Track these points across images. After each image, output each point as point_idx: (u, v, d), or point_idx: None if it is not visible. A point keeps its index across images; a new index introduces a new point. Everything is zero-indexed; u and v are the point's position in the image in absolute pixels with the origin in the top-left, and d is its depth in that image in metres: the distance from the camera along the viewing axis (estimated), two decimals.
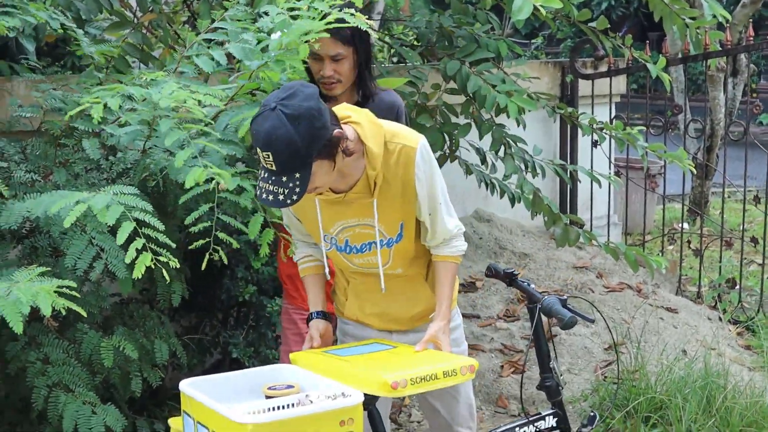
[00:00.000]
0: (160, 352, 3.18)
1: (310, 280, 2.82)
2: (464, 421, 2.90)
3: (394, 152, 2.56)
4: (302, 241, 2.84)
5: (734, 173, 5.77)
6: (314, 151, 2.34)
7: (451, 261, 2.71)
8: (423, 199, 2.61)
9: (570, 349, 4.72)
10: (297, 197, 2.36)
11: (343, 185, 2.57)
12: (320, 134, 2.35)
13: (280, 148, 2.30)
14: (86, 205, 2.26)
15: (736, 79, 8.14)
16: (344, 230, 2.66)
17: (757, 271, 6.38)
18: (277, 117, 2.30)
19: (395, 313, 2.77)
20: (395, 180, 2.57)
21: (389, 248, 2.67)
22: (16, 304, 2.16)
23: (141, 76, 2.71)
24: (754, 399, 4.15)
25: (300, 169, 2.34)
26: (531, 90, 4.63)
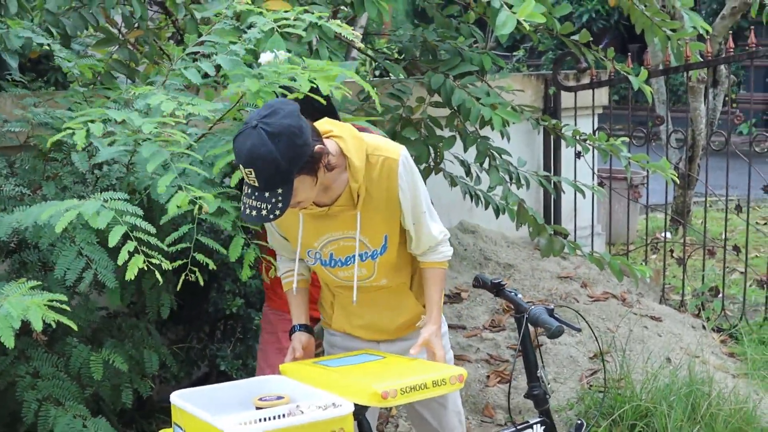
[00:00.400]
0: (150, 362, 3.19)
1: (293, 294, 2.85)
2: (453, 429, 2.92)
3: (376, 165, 2.59)
4: (286, 257, 2.86)
5: (715, 183, 5.84)
6: (296, 167, 2.38)
7: (438, 267, 2.75)
8: (407, 209, 2.65)
9: (555, 359, 4.75)
10: (280, 212, 2.40)
11: (326, 199, 2.60)
12: (301, 151, 2.38)
13: (262, 165, 2.34)
14: (77, 212, 2.27)
15: (716, 90, 8.23)
16: (329, 243, 2.69)
17: (739, 280, 6.45)
18: (258, 135, 2.34)
19: (382, 324, 2.80)
20: (378, 192, 2.61)
21: (374, 260, 2.70)
22: (7, 319, 2.18)
23: (129, 90, 2.73)
24: (738, 405, 4.19)
25: (282, 185, 2.38)
26: (514, 102, 4.68)
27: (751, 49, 5.39)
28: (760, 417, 4.26)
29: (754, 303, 6.02)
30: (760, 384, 4.75)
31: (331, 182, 2.57)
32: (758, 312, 5.79)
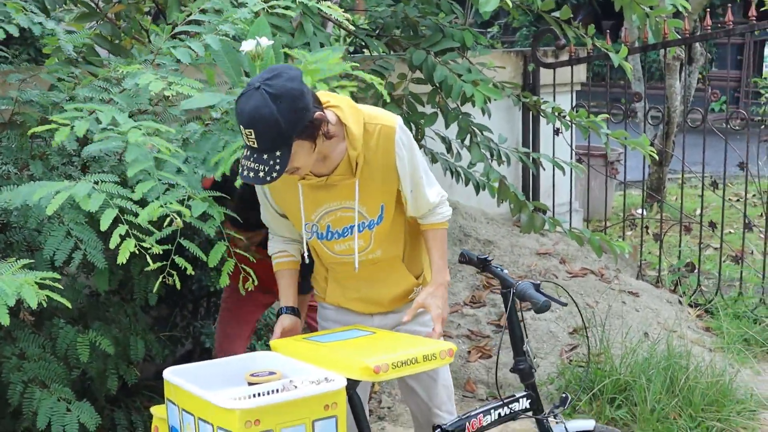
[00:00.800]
0: (135, 348, 3.18)
1: (282, 275, 2.88)
2: (442, 403, 2.95)
3: (373, 133, 2.63)
4: (279, 236, 2.88)
5: (689, 160, 5.90)
6: (295, 131, 2.40)
7: (438, 228, 2.81)
8: (404, 176, 2.69)
9: (535, 334, 4.80)
10: (277, 175, 2.42)
11: (324, 169, 2.63)
12: (302, 115, 2.40)
13: (262, 126, 2.36)
14: (68, 194, 2.26)
15: (691, 67, 8.30)
16: (326, 215, 2.71)
17: (714, 255, 6.54)
18: (261, 96, 2.36)
19: (376, 296, 2.83)
20: (376, 160, 2.64)
21: (370, 230, 2.73)
22: (1, 296, 2.16)
23: (117, 68, 2.70)
24: (715, 378, 4.27)
25: (280, 147, 2.40)
26: (495, 79, 4.70)
27: (728, 27, 5.43)
28: (736, 389, 4.34)
29: (729, 278, 6.11)
30: (736, 357, 4.84)
31: (329, 152, 2.59)
32: (733, 287, 5.88)
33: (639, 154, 4.76)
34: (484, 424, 2.81)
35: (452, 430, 2.75)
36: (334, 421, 2.23)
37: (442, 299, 2.75)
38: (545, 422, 2.90)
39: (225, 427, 2.12)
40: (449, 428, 2.75)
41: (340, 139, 2.60)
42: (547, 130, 6.02)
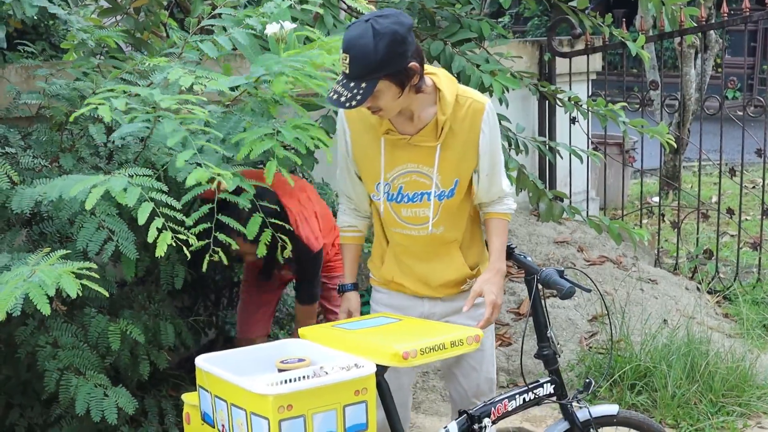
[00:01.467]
0: (165, 334, 3.23)
1: (348, 249, 3.00)
2: (482, 394, 2.99)
3: (464, 106, 2.74)
4: (350, 207, 2.98)
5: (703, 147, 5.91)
6: (385, 69, 2.53)
7: (503, 218, 2.90)
8: (484, 154, 2.78)
9: (555, 322, 4.84)
10: (356, 104, 2.54)
11: (410, 128, 2.74)
12: (397, 58, 2.53)
13: (356, 54, 2.51)
14: (104, 188, 2.31)
15: (705, 55, 8.29)
16: (401, 176, 2.79)
17: (731, 242, 6.55)
18: (365, 28, 2.51)
19: (429, 276, 2.89)
20: (461, 132, 2.74)
21: (440, 201, 2.80)
22: (42, 286, 2.21)
23: (144, 62, 2.74)
24: (735, 363, 4.30)
25: (367, 79, 2.53)
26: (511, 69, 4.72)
27: (745, 14, 5.44)
28: (756, 375, 4.36)
29: (747, 265, 6.12)
30: (755, 343, 4.86)
31: (419, 111, 2.71)
32: (751, 273, 5.89)
33: (654, 143, 4.78)
34: (509, 409, 2.84)
35: (478, 414, 2.78)
36: (364, 406, 2.27)
37: (497, 286, 2.80)
38: (569, 407, 2.93)
39: (258, 412, 2.16)
40: (475, 413, 2.79)
41: (432, 103, 2.71)
42: (563, 119, 6.05)
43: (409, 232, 2.84)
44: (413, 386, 4.49)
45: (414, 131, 2.75)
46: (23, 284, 2.20)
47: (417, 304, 2.93)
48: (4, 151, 2.72)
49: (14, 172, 2.62)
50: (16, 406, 3.24)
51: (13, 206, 2.56)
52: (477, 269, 2.93)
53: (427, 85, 2.70)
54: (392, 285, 2.94)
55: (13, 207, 2.56)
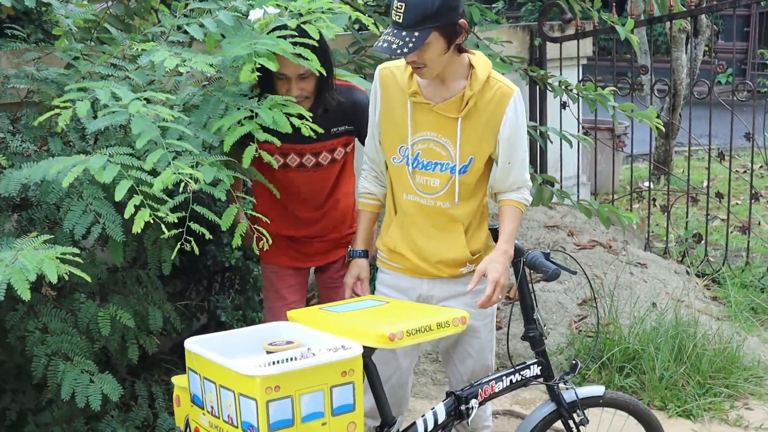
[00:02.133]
0: (154, 318, 3.24)
1: (364, 216, 3.07)
2: (478, 378, 2.99)
3: (492, 88, 2.81)
4: (371, 174, 3.04)
5: (695, 132, 5.94)
6: (440, 20, 2.61)
7: (517, 206, 2.94)
8: (504, 140, 2.83)
9: (545, 305, 4.87)
10: (408, 51, 2.61)
11: (437, 96, 2.80)
12: (451, 12, 2.63)
13: (415, 1, 2.59)
14: (83, 167, 2.31)
15: (697, 40, 8.31)
16: (420, 142, 2.85)
17: (721, 226, 6.59)
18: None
19: (427, 251, 2.92)
20: (484, 112, 2.80)
21: (452, 174, 2.84)
22: (23, 271, 2.21)
23: (132, 46, 2.75)
24: (722, 345, 4.34)
25: (420, 28, 2.60)
26: (502, 54, 4.73)
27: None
28: (743, 357, 4.41)
29: (736, 249, 6.16)
30: (743, 325, 4.90)
31: (450, 80, 2.78)
32: (740, 257, 5.93)
33: (645, 128, 4.79)
34: (496, 390, 2.88)
35: (465, 396, 2.82)
36: (351, 387, 2.29)
37: (502, 266, 2.81)
38: (555, 388, 2.96)
39: (246, 393, 2.19)
40: (462, 394, 2.83)
41: (463, 77, 2.79)
42: (554, 104, 6.06)
43: (418, 200, 2.89)
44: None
45: (440, 100, 2.80)
46: (5, 269, 2.21)
47: (417, 284, 2.96)
48: None
49: (3, 157, 2.63)
50: (8, 390, 3.26)
51: (0, 190, 2.57)
52: (478, 256, 2.95)
53: (463, 59, 2.76)
54: (394, 256, 2.97)
55: (1, 190, 2.57)
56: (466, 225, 2.92)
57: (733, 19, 6.59)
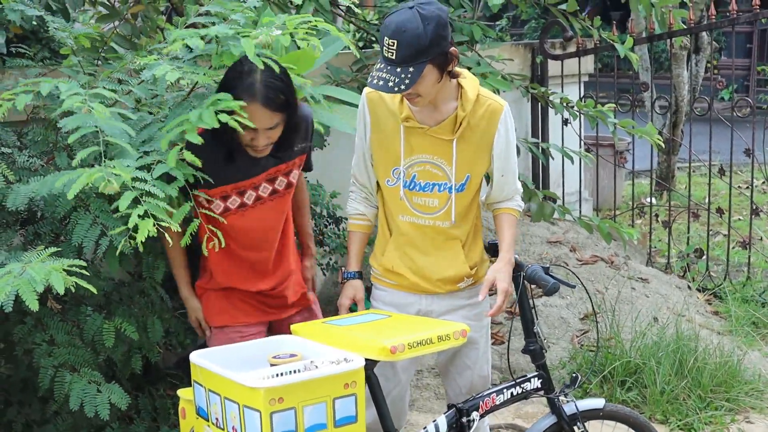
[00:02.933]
0: (152, 329, 3.28)
1: (355, 237, 3.06)
2: (476, 392, 3.03)
3: (483, 105, 2.85)
4: (361, 196, 3.05)
5: (697, 148, 5.98)
6: (433, 53, 2.63)
7: (513, 213, 3.01)
8: (498, 154, 2.88)
9: (547, 320, 4.90)
10: (405, 88, 2.64)
11: (430, 120, 2.83)
12: (443, 41, 2.65)
13: (407, 39, 2.60)
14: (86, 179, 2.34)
15: (698, 57, 8.36)
16: (416, 165, 2.88)
17: (722, 242, 6.62)
18: (413, 14, 2.61)
19: (429, 269, 2.95)
20: (477, 130, 2.84)
21: (450, 194, 2.88)
22: (31, 283, 2.25)
23: (134, 60, 2.80)
24: (723, 360, 4.36)
25: (415, 63, 2.62)
26: (503, 71, 4.79)
27: (732, 16, 5.51)
28: (744, 370, 4.43)
29: (737, 264, 6.19)
30: (744, 340, 4.92)
31: (441, 104, 2.81)
32: (741, 272, 5.96)
33: (647, 144, 4.84)
34: (497, 403, 2.91)
35: (467, 408, 2.85)
36: (353, 399, 2.33)
37: (508, 275, 2.87)
38: (556, 401, 2.99)
39: (250, 405, 2.23)
40: (463, 407, 2.86)
41: (453, 98, 2.83)
42: (556, 120, 6.11)
43: (416, 221, 2.92)
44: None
45: (433, 123, 2.84)
46: (13, 281, 2.25)
47: (415, 300, 2.99)
48: (0, 152, 2.78)
49: (10, 172, 2.68)
50: (14, 403, 3.30)
51: (8, 204, 2.61)
52: (476, 270, 2.99)
53: (452, 81, 2.80)
54: (391, 275, 2.99)
55: (8, 204, 2.61)
56: (464, 241, 2.96)
57: (732, 36, 6.63)
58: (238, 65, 2.68)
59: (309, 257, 3.22)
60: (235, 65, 2.69)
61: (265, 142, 2.76)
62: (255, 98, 2.64)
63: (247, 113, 2.58)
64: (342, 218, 4.52)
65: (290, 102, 2.72)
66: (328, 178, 4.58)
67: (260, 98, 2.64)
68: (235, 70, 2.69)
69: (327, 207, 4.39)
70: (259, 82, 2.64)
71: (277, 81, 2.66)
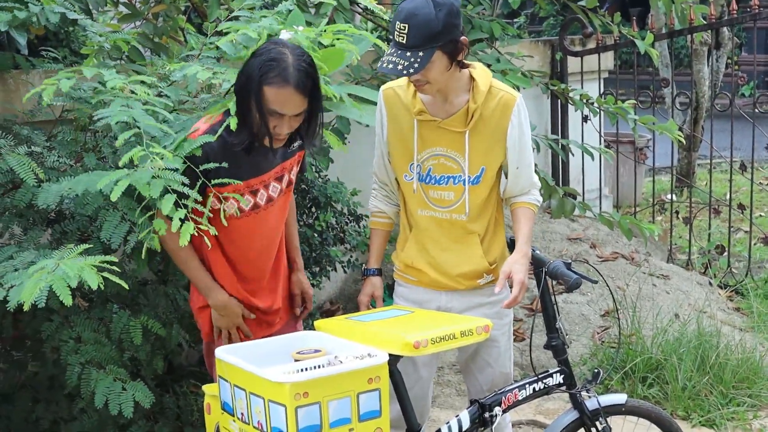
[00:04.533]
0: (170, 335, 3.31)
1: (376, 234, 3.09)
2: (497, 388, 3.02)
3: (495, 97, 2.86)
4: (382, 194, 3.08)
5: (718, 144, 5.97)
6: (443, 38, 2.65)
7: (530, 207, 3.01)
8: (512, 147, 2.89)
9: (568, 317, 4.91)
10: (414, 71, 2.66)
11: (442, 112, 2.85)
12: (454, 28, 2.67)
13: (418, 22, 2.63)
14: (128, 181, 2.39)
15: (719, 52, 8.33)
16: (431, 158, 2.90)
17: (744, 238, 6.59)
18: (425, 0, 2.64)
19: (447, 264, 2.96)
20: (490, 122, 2.85)
21: (465, 186, 2.90)
22: (64, 279, 2.29)
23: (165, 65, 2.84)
24: (745, 355, 4.35)
25: (425, 48, 2.64)
26: (523, 68, 4.80)
27: (754, 11, 5.49)
28: (766, 367, 4.41)
29: (759, 260, 6.17)
30: (766, 336, 4.91)
31: (453, 95, 2.82)
32: (763, 269, 5.94)
33: (668, 140, 4.83)
34: (520, 398, 2.92)
35: (489, 403, 2.86)
36: (377, 394, 2.35)
37: (525, 267, 2.87)
38: (578, 396, 3.00)
39: (276, 399, 2.25)
40: (486, 402, 2.87)
41: (465, 90, 2.83)
42: (576, 117, 6.11)
43: (434, 214, 2.93)
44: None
45: (445, 115, 2.85)
46: (47, 276, 2.29)
47: (435, 297, 3.00)
48: (30, 151, 2.82)
49: (40, 170, 2.72)
50: (42, 400, 3.34)
51: (39, 202, 2.65)
52: (496, 266, 2.99)
53: (464, 73, 2.81)
54: (411, 271, 3.01)
55: (39, 203, 2.65)
56: (482, 236, 2.97)
57: (754, 31, 6.61)
58: (265, 50, 2.60)
59: (297, 271, 3.10)
60: (262, 50, 2.61)
61: (288, 130, 2.67)
62: (289, 82, 2.56)
63: (280, 98, 2.56)
64: (363, 215, 4.54)
65: (317, 89, 2.67)
66: (349, 175, 4.61)
67: (294, 82, 2.57)
68: (265, 54, 2.60)
69: (348, 204, 4.42)
70: (292, 66, 2.57)
71: (308, 66, 2.62)
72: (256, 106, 2.58)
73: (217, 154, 2.62)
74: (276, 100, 2.56)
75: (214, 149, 2.62)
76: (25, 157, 2.72)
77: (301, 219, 4.29)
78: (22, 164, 2.69)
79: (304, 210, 4.31)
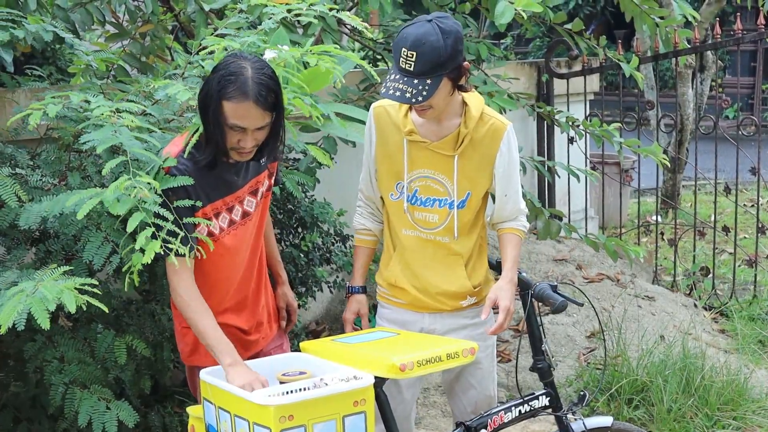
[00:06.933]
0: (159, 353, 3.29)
1: (361, 252, 3.09)
2: (481, 411, 3.02)
3: (486, 123, 2.88)
4: (368, 211, 3.07)
5: (703, 166, 6.00)
6: (450, 66, 2.68)
7: (517, 233, 3.01)
8: (499, 174, 2.90)
9: (554, 338, 4.90)
10: (422, 99, 2.68)
11: (433, 135, 2.86)
12: (458, 56, 2.71)
13: (427, 50, 2.64)
14: (98, 199, 2.37)
15: (703, 75, 8.40)
16: (417, 179, 2.91)
17: (728, 260, 6.62)
18: (432, 27, 2.66)
19: (429, 284, 2.95)
20: (479, 148, 2.87)
21: (450, 210, 2.90)
22: (43, 301, 2.28)
23: (149, 83, 2.83)
24: (730, 377, 4.35)
25: (433, 75, 2.67)
26: (509, 90, 4.82)
27: (737, 35, 5.54)
28: (752, 389, 4.42)
29: (744, 282, 6.19)
30: (751, 358, 4.92)
31: (445, 119, 2.84)
32: (747, 290, 5.96)
33: (653, 162, 4.86)
34: (506, 421, 2.92)
35: (475, 426, 2.86)
36: (363, 417, 2.34)
37: (511, 293, 2.87)
38: (564, 419, 3.00)
39: (260, 422, 2.24)
40: (472, 424, 2.86)
41: (458, 114, 2.86)
42: (562, 139, 6.13)
43: (419, 234, 2.93)
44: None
45: (435, 138, 2.86)
46: (26, 299, 2.28)
47: (418, 318, 2.99)
48: (14, 172, 2.80)
49: (23, 191, 2.70)
50: (24, 420, 3.31)
51: (21, 223, 2.64)
52: (479, 289, 2.99)
53: (457, 97, 2.83)
54: (394, 291, 3.00)
55: (21, 223, 2.64)
56: (466, 258, 2.97)
57: (737, 54, 6.67)
58: (224, 65, 2.57)
59: (281, 285, 3.07)
60: (222, 65, 2.58)
61: (252, 143, 2.62)
62: (248, 96, 2.52)
63: (239, 112, 2.53)
64: (349, 236, 4.54)
65: (279, 102, 2.62)
66: (335, 195, 4.60)
67: (253, 96, 2.52)
68: (224, 69, 2.56)
69: (334, 224, 4.41)
70: (251, 79, 2.53)
71: (268, 79, 2.57)
72: (216, 121, 2.55)
73: (192, 174, 2.60)
74: (236, 114, 2.54)
75: (189, 169, 2.61)
76: (8, 178, 2.71)
77: (288, 239, 4.28)
78: (4, 185, 2.69)
79: (290, 230, 4.30)
